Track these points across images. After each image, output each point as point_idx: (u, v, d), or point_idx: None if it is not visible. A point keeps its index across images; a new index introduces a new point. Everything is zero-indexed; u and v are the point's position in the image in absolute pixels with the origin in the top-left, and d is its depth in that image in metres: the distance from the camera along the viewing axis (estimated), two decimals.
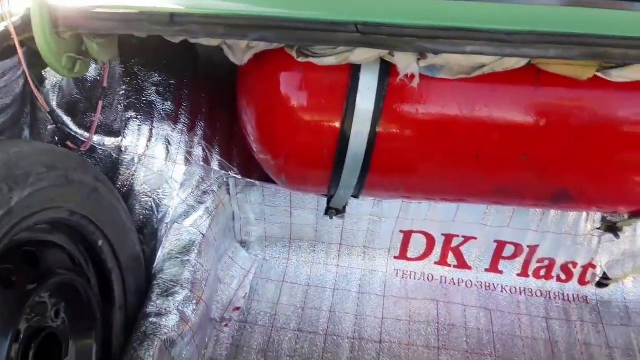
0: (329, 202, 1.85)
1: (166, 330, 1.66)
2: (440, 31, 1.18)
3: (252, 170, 2.02)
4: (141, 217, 1.93)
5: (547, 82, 1.43)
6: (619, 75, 1.36)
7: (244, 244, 2.33)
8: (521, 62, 1.37)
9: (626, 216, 1.81)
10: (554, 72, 1.41)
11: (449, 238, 2.20)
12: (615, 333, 2.05)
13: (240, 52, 1.42)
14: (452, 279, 2.24)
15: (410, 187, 1.75)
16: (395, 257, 2.28)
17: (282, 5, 1.17)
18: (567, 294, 2.18)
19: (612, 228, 1.94)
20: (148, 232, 1.93)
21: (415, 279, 2.26)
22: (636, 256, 2.12)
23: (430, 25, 1.20)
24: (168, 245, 1.88)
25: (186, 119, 1.90)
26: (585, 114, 1.46)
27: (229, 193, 2.13)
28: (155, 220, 1.93)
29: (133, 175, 1.88)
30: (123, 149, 1.86)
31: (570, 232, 2.08)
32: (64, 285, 1.51)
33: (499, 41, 1.18)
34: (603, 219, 1.97)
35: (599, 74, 1.38)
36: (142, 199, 1.91)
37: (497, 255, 2.20)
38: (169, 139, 1.88)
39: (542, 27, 1.20)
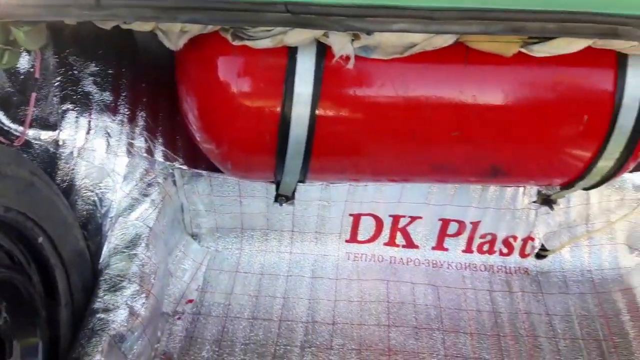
0: (277, 188, 1.86)
1: (114, 326, 1.64)
2: (367, 9, 1.22)
3: (198, 160, 2.01)
4: (84, 212, 1.89)
5: (476, 59, 1.50)
6: (540, 50, 1.44)
7: (195, 236, 2.31)
8: (449, 41, 1.43)
9: (558, 188, 1.91)
10: (482, 49, 1.47)
11: (396, 219, 2.25)
12: (554, 301, 2.15)
13: (174, 36, 1.42)
14: (401, 258, 2.30)
15: (353, 169, 1.79)
16: (346, 241, 2.32)
17: None
18: (509, 267, 2.28)
19: (547, 201, 2.05)
20: (92, 227, 1.89)
21: (365, 260, 2.30)
22: (571, 227, 2.24)
23: (358, 3, 1.23)
24: (114, 239, 1.85)
25: (126, 110, 1.87)
26: (511, 90, 1.53)
27: (175, 184, 2.11)
28: (99, 214, 1.90)
29: (73, 169, 1.84)
30: (61, 143, 1.82)
31: (509, 207, 2.17)
32: (4, 284, 1.47)
33: (425, 18, 1.23)
34: (538, 193, 2.07)
35: (523, 50, 1.46)
36: (84, 194, 1.88)
37: (442, 233, 2.27)
38: (109, 131, 1.85)
39: (465, 3, 1.25)
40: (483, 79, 1.54)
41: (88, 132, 1.81)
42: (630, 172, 2.04)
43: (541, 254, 2.27)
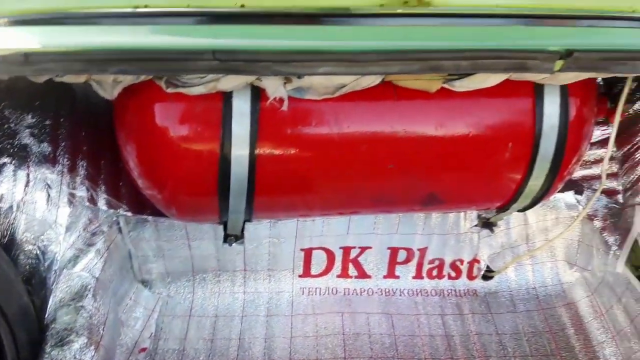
0: (225, 229, 1.88)
1: None
2: (293, 55, 1.28)
3: (143, 205, 2.00)
4: (27, 266, 1.84)
5: (404, 96, 1.58)
6: (461, 86, 1.54)
7: (145, 282, 2.28)
8: (376, 80, 1.51)
9: (494, 212, 2.00)
10: (408, 86, 1.56)
11: (346, 250, 2.29)
12: (503, 320, 2.22)
13: (108, 86, 1.44)
14: (355, 289, 2.33)
15: (297, 205, 1.83)
16: (299, 276, 2.34)
17: (140, 36, 1.21)
18: (459, 290, 2.34)
19: (487, 224, 2.13)
20: (36, 281, 1.85)
21: (320, 294, 2.32)
22: (513, 247, 2.33)
23: (285, 49, 1.29)
24: (59, 292, 1.81)
25: (66, 160, 1.86)
26: (439, 123, 1.61)
27: (120, 232, 2.09)
28: (42, 268, 1.85)
29: (13, 223, 1.80)
30: None
31: (452, 231, 2.25)
32: None
33: (348, 61, 1.30)
34: (478, 216, 2.16)
35: (445, 86, 1.55)
36: (26, 248, 1.83)
37: (393, 261, 2.32)
38: (49, 182, 1.83)
39: (385, 46, 1.33)
40: (412, 114, 1.62)
41: (27, 185, 1.79)
42: (561, 191, 2.17)
43: (487, 275, 2.35)
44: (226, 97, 1.51)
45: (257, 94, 1.52)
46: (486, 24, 1.38)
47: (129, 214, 2.01)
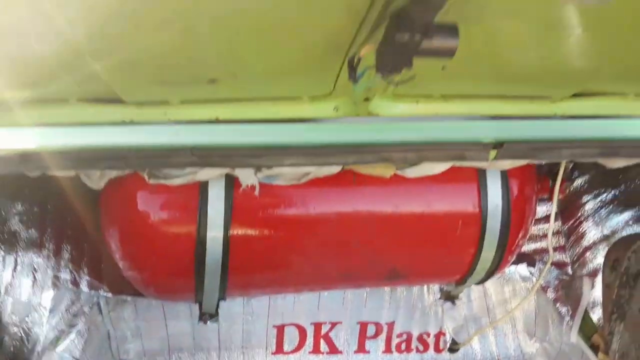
0: (200, 307, 1.98)
1: None
2: (263, 150, 1.46)
3: (123, 286, 2.11)
4: (11, 348, 1.90)
5: (363, 181, 1.77)
6: (412, 172, 1.74)
7: None
8: (337, 168, 1.70)
9: (454, 285, 2.15)
10: (366, 173, 1.76)
11: (317, 326, 2.39)
12: None
13: (96, 178, 1.61)
14: None
15: (269, 283, 1.96)
16: (272, 353, 2.41)
17: (126, 137, 1.39)
18: None
19: (449, 296, 2.27)
20: None
21: None
22: (476, 319, 2.45)
23: (255, 145, 1.48)
24: None
25: (51, 244, 1.98)
26: (393, 205, 1.80)
27: (101, 312, 2.17)
28: (26, 350, 1.91)
29: (0, 306, 1.89)
30: None
31: (417, 305, 2.38)
32: None
33: (310, 154, 1.49)
34: (440, 289, 2.30)
35: (398, 172, 1.76)
36: (11, 330, 1.90)
37: (362, 336, 2.42)
38: (35, 266, 1.94)
39: (342, 140, 1.53)
40: (370, 197, 1.81)
41: (15, 269, 1.89)
42: (515, 264, 2.34)
43: (453, 347, 2.45)
44: (203, 185, 1.69)
45: (231, 181, 1.70)
46: (428, 120, 1.61)
47: (109, 294, 2.11)
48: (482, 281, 2.08)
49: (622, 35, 1.26)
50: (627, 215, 2.30)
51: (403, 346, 2.44)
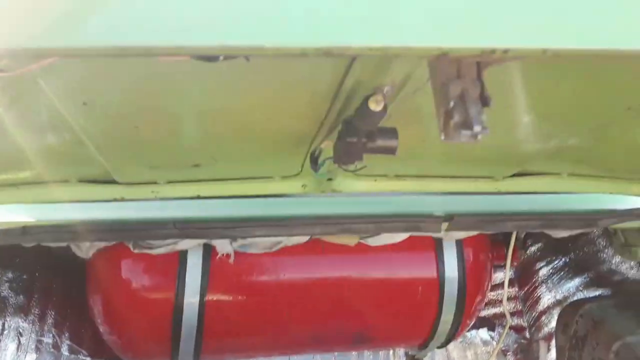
0: None
1: None
2: (236, 222, 1.65)
3: (102, 350, 2.20)
4: None
5: (330, 250, 1.95)
6: (374, 241, 1.93)
7: None
8: (305, 238, 1.89)
9: (417, 349, 2.28)
10: (333, 242, 1.94)
11: None
12: None
13: (85, 248, 1.76)
14: None
15: (242, 347, 2.07)
16: None
17: (116, 212, 1.56)
18: None
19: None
20: None
21: None
22: None
23: (230, 218, 1.67)
24: None
25: (37, 309, 2.09)
26: (359, 272, 1.98)
27: None
28: None
29: None
30: None
31: None
32: None
33: (280, 226, 1.68)
34: (405, 353, 2.43)
35: (362, 241, 1.94)
36: None
37: None
38: (21, 330, 2.04)
39: (308, 213, 1.72)
40: (337, 265, 1.98)
41: (1, 333, 1.99)
42: (475, 328, 2.49)
43: None
44: (182, 254, 1.85)
45: (209, 250, 1.86)
46: (386, 195, 1.81)
47: (88, 358, 2.19)
48: (443, 344, 2.22)
49: (554, 123, 1.47)
50: (577, 281, 2.50)
51: None
